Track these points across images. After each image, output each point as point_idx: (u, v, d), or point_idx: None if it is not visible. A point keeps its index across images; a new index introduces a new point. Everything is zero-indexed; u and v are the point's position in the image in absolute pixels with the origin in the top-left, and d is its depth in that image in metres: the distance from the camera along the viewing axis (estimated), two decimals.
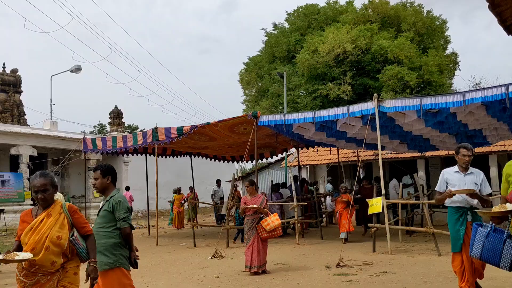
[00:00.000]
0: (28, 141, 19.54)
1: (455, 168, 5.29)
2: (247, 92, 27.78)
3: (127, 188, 19.39)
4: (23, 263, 3.46)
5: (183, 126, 12.27)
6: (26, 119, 23.01)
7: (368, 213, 9.96)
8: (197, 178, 19.78)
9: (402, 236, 11.16)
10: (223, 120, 11.83)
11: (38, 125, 22.99)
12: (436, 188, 5.37)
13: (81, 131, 27.15)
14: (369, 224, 10.49)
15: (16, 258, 3.37)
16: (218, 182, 17.85)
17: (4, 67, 22.93)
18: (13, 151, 19.26)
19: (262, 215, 7.82)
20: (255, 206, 7.82)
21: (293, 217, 12.15)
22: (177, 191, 17.63)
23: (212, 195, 17.58)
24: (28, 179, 18.98)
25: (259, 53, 27.09)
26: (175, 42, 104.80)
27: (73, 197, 22.17)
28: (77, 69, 25.58)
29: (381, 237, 9.87)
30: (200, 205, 21.12)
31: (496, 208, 3.78)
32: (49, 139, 20.51)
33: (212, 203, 18.02)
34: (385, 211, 9.35)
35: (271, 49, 25.71)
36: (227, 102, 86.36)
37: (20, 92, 23.15)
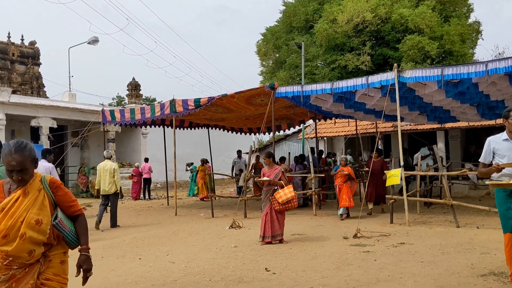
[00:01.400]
0: (48, 113, 19.79)
1: (504, 135, 4.48)
2: (264, 63, 27.50)
3: (146, 160, 19.61)
4: None
5: (200, 98, 12.27)
6: (45, 91, 23.26)
7: (386, 185, 9.90)
8: (215, 150, 19.89)
9: (420, 208, 11.11)
10: (240, 91, 11.78)
11: (57, 97, 23.27)
12: (481, 160, 4.63)
13: (100, 103, 27.40)
14: (387, 196, 10.46)
15: None
16: (239, 153, 17.78)
17: (22, 40, 23.07)
18: (33, 123, 19.56)
19: (276, 187, 7.85)
20: (266, 178, 7.89)
21: (311, 188, 12.19)
22: (202, 162, 17.49)
23: (233, 166, 17.55)
24: (42, 150, 19.33)
25: (276, 23, 26.67)
26: (192, 12, 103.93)
27: (92, 168, 22.52)
28: (94, 41, 25.64)
29: (399, 208, 9.85)
30: (219, 176, 21.30)
31: None
32: (68, 111, 20.75)
33: (229, 175, 18.14)
34: (403, 183, 9.28)
35: (288, 19, 25.27)
36: (244, 74, 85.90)
37: (39, 64, 23.33)
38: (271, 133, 14.32)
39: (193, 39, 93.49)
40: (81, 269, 2.96)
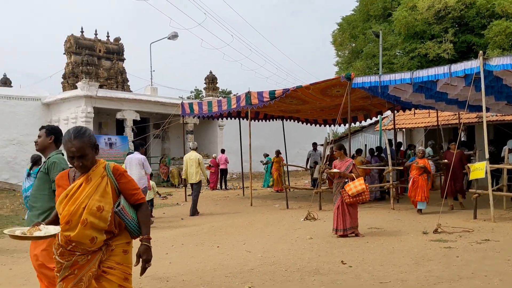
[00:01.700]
0: (132, 106, 20.88)
1: None
2: (340, 53, 27.01)
3: (223, 151, 20.08)
4: (58, 239, 2.77)
5: (275, 90, 12.32)
6: (129, 86, 24.52)
7: (470, 179, 9.40)
8: (289, 142, 19.93)
9: (506, 203, 10.43)
10: (315, 82, 11.69)
11: (140, 91, 24.47)
12: None
13: (179, 96, 28.44)
14: (470, 190, 9.92)
15: (35, 234, 2.63)
16: (314, 146, 17.59)
17: (108, 37, 24.44)
18: (118, 116, 20.73)
19: (347, 180, 7.74)
20: (336, 170, 7.81)
21: (389, 181, 11.87)
22: (276, 153, 17.58)
23: (308, 158, 17.45)
24: (134, 142, 20.42)
25: (353, 12, 26.06)
26: (266, 4, 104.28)
27: (173, 159, 23.48)
28: (174, 36, 26.58)
29: (482, 203, 9.32)
30: (293, 168, 21.34)
31: None
32: (151, 104, 21.74)
33: (304, 167, 18.11)
34: (489, 177, 8.76)
35: (365, 8, 24.57)
36: (319, 65, 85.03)
37: (123, 60, 24.62)
38: (347, 125, 14.10)
39: (268, 31, 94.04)
40: (140, 259, 2.89)
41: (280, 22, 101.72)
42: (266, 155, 19.75)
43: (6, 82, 25.10)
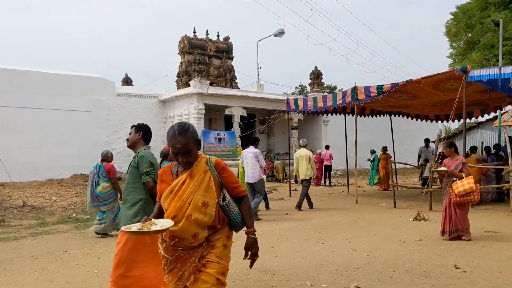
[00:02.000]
0: (239, 103, 21.57)
1: None
2: (454, 44, 25.39)
3: (327, 147, 19.94)
4: (162, 234, 2.84)
5: (383, 84, 11.95)
6: (237, 83, 25.35)
7: None
8: (397, 138, 19.20)
9: None
10: (427, 76, 11.12)
11: (247, 88, 25.18)
12: None
13: (284, 93, 28.73)
14: None
15: (153, 228, 2.62)
16: (426, 142, 16.64)
17: (218, 36, 25.47)
18: (227, 112, 21.54)
19: (455, 179, 7.27)
20: (443, 169, 7.41)
21: (508, 182, 10.93)
22: (383, 150, 16.97)
23: (419, 155, 16.57)
24: (241, 138, 21.12)
25: (469, 0, 24.31)
26: None
27: (277, 154, 23.86)
28: (280, 33, 26.93)
29: None
30: (401, 166, 20.55)
31: None
32: (257, 100, 22.28)
33: (414, 164, 17.33)
34: None
35: None
36: (431, 57, 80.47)
37: (231, 58, 25.51)
38: (461, 121, 13.23)
39: (376, 23, 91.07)
40: (249, 252, 2.92)
41: (389, 14, 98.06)
42: (372, 152, 19.20)
43: (127, 81, 27.32)
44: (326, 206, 12.19)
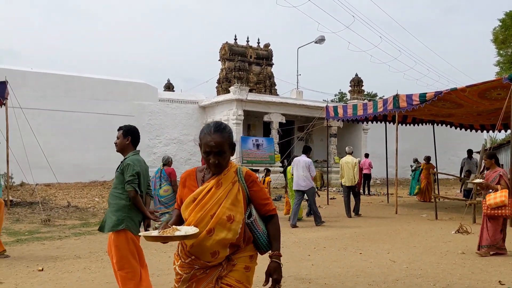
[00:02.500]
0: (278, 109, 21.59)
1: None
2: (501, 52, 24.56)
3: (366, 155, 19.64)
4: (179, 248, 2.54)
5: (426, 93, 11.69)
6: (276, 89, 25.40)
7: None
8: (439, 148, 18.69)
9: None
10: (472, 85, 10.78)
11: (286, 95, 25.16)
12: None
13: (323, 100, 28.54)
14: None
15: (176, 234, 2.30)
16: (469, 153, 15.99)
17: (258, 43, 25.64)
18: (265, 118, 21.60)
19: (491, 191, 7.00)
20: (479, 180, 7.21)
21: None
22: (427, 159, 16.43)
23: (462, 166, 15.96)
24: (279, 144, 21.12)
25: None
26: (418, 2, 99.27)
27: (315, 161, 23.69)
28: (321, 40, 26.83)
29: None
30: (443, 176, 19.99)
31: None
32: (296, 107, 22.23)
33: (457, 175, 16.79)
34: None
35: None
36: (476, 65, 78.07)
37: (271, 65, 25.61)
38: (508, 131, 12.76)
39: (419, 30, 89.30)
40: (270, 278, 2.51)
41: (433, 21, 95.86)
42: (415, 160, 18.72)
43: (169, 87, 27.87)
44: (364, 216, 11.99)
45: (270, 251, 2.56)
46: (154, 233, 2.37)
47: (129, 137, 4.19)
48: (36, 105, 17.92)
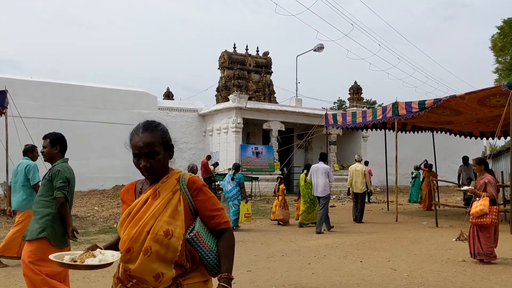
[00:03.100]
0: (277, 117, 21.61)
1: None
2: (500, 59, 24.65)
3: (366, 163, 19.60)
4: (119, 271, 2.17)
5: (425, 100, 11.72)
6: (275, 97, 25.44)
7: None
8: (439, 155, 18.68)
9: None
10: (471, 92, 10.81)
11: (285, 102, 25.19)
12: None
13: (322, 107, 28.59)
14: None
15: (87, 262, 1.98)
16: (465, 160, 15.97)
17: (257, 51, 25.71)
18: (265, 126, 21.61)
19: (478, 198, 7.00)
20: (464, 188, 7.31)
21: None
22: (429, 167, 16.33)
23: (459, 174, 15.92)
24: (278, 152, 21.11)
25: None
26: (416, 10, 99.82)
27: None
28: (319, 48, 26.94)
29: None
30: (443, 183, 19.96)
31: None
32: (295, 115, 22.26)
33: (456, 182, 16.75)
34: None
35: None
36: (475, 72, 78.34)
37: (270, 73, 25.67)
38: (508, 138, 12.77)
39: (417, 38, 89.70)
40: None
41: (432, 29, 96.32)
42: (416, 168, 18.67)
43: (169, 95, 27.91)
44: (365, 223, 11.97)
45: (220, 273, 2.12)
46: (67, 257, 2.02)
47: (57, 146, 4.12)
48: (36, 114, 17.95)
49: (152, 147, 2.14)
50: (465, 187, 7.40)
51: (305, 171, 11.38)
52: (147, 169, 2.14)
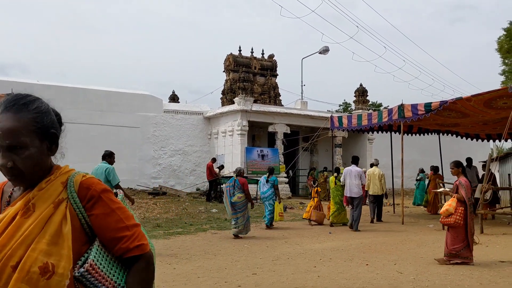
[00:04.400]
0: (283, 120, 21.58)
1: None
2: (506, 61, 24.53)
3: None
4: None
5: (431, 102, 11.69)
6: (280, 100, 25.40)
7: None
8: (446, 157, 18.57)
9: None
10: (477, 94, 10.77)
11: (290, 105, 25.16)
12: None
13: (328, 110, 28.56)
14: None
15: None
16: (469, 162, 15.65)
17: (263, 54, 25.71)
18: (270, 129, 21.58)
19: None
20: (440, 190, 7.57)
21: None
22: (434, 170, 16.03)
23: None
24: (284, 155, 21.09)
25: None
26: (423, 13, 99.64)
27: (320, 172, 23.60)
28: (325, 50, 26.89)
29: None
30: (450, 186, 19.83)
31: None
32: (300, 117, 22.21)
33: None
34: None
35: None
36: (481, 75, 77.97)
37: (275, 76, 25.65)
38: None
39: (424, 41, 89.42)
40: None
41: (438, 31, 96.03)
42: (421, 171, 18.60)
43: (174, 98, 27.96)
44: (370, 226, 11.92)
45: None
46: None
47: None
48: None
49: (16, 137, 1.40)
50: (441, 189, 7.59)
51: (335, 174, 12.16)
52: (10, 171, 1.41)
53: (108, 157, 8.02)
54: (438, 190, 7.77)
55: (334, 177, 12.00)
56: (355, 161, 11.69)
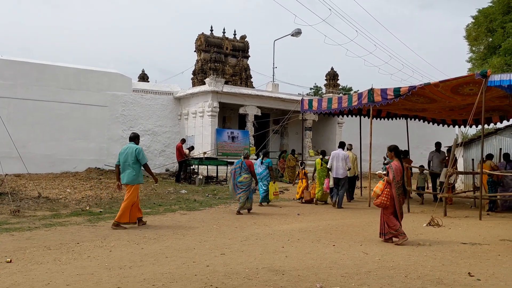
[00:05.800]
0: (254, 102, 21.54)
1: None
2: (474, 49, 25.01)
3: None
4: None
5: (400, 87, 11.85)
6: (252, 82, 25.30)
7: None
8: (412, 142, 18.98)
9: None
10: (445, 80, 10.98)
11: (261, 87, 25.13)
12: None
13: (298, 93, 28.64)
14: None
15: None
16: (438, 146, 15.96)
17: (235, 35, 25.46)
18: (241, 111, 21.53)
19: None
20: (378, 172, 7.88)
21: None
22: (404, 154, 16.19)
23: (429, 160, 16.03)
24: (254, 137, 21.10)
25: (490, 4, 23.94)
26: None
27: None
28: (297, 33, 26.86)
29: None
30: (416, 170, 20.29)
31: None
32: (271, 100, 22.22)
33: (427, 169, 17.05)
34: None
35: None
36: (449, 61, 79.65)
37: (247, 57, 25.48)
38: (479, 126, 13.04)
39: (394, 26, 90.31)
40: None
41: (408, 16, 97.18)
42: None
43: (144, 77, 27.46)
44: (337, 209, 12.10)
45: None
46: None
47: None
48: (6, 93, 17.44)
49: None
50: (378, 171, 8.00)
51: (321, 156, 13.24)
52: None
53: (137, 138, 8.83)
54: (376, 173, 8.03)
55: (320, 159, 12.94)
56: (342, 145, 12.92)
